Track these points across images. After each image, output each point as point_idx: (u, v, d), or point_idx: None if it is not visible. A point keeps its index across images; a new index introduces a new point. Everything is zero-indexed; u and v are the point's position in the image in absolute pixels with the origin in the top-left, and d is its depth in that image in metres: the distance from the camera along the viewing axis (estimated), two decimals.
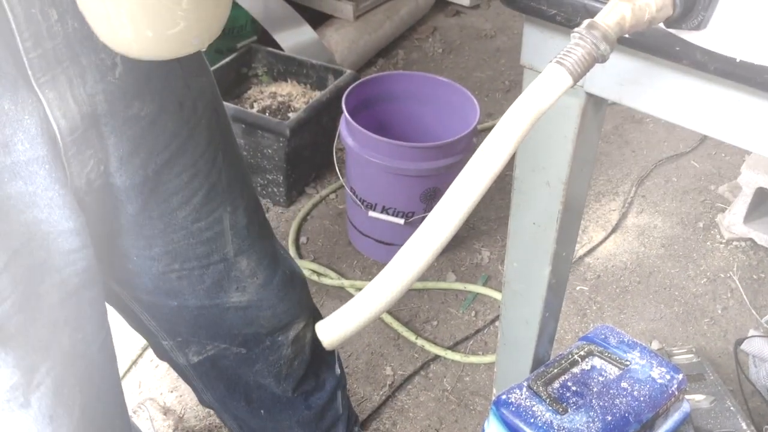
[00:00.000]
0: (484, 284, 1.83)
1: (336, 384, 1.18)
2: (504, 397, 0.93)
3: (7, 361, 0.67)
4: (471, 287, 1.81)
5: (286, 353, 1.05)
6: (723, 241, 1.96)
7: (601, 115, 0.76)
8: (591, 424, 0.89)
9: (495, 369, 1.07)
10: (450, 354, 1.65)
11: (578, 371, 0.96)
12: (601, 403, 0.91)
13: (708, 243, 1.96)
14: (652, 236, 1.98)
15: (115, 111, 0.71)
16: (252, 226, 0.94)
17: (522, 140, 0.51)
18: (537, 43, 0.70)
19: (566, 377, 0.95)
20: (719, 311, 1.77)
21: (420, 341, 1.67)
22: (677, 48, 0.58)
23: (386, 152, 1.66)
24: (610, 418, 0.89)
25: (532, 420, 0.89)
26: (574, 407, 0.91)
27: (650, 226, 2.01)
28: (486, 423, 0.96)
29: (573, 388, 0.93)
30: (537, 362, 0.99)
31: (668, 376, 0.95)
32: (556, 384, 0.94)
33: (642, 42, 0.60)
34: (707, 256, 1.92)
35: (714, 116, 0.62)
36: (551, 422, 0.89)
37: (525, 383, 0.94)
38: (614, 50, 0.51)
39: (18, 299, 0.66)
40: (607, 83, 0.67)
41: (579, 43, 0.50)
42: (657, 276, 1.87)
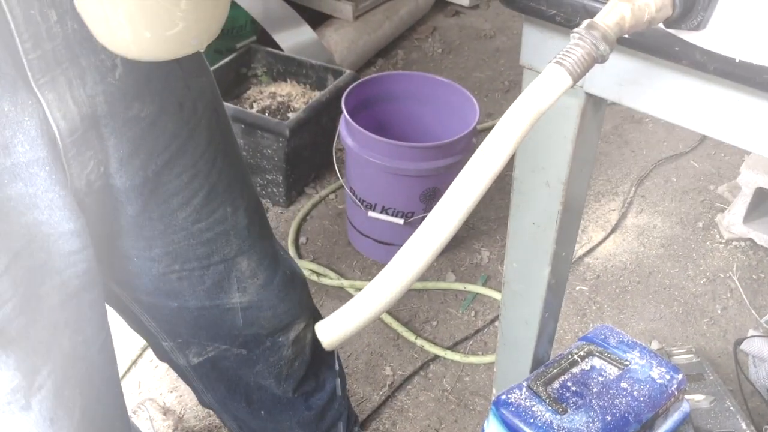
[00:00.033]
0: (484, 284, 1.82)
1: (336, 384, 1.18)
2: (504, 397, 0.93)
3: (9, 364, 0.67)
4: (471, 287, 1.81)
5: (287, 354, 1.05)
6: (722, 241, 1.96)
7: (601, 115, 0.76)
8: (591, 424, 0.89)
9: (495, 369, 1.07)
10: (450, 354, 1.65)
11: (578, 371, 0.96)
12: (601, 403, 0.91)
13: (707, 243, 1.96)
14: (652, 236, 1.98)
15: (115, 112, 0.71)
16: (252, 227, 0.94)
17: (522, 140, 0.51)
18: (536, 44, 0.70)
19: (566, 377, 0.95)
20: (719, 311, 1.77)
21: (420, 341, 1.67)
22: (677, 48, 0.58)
23: (386, 152, 1.65)
24: (610, 418, 0.89)
25: (532, 420, 0.89)
26: (574, 407, 0.91)
27: (650, 226, 2.01)
28: (486, 423, 0.96)
29: (573, 388, 0.93)
30: (537, 362, 0.99)
31: (668, 376, 0.95)
32: (556, 384, 0.94)
33: (641, 42, 0.60)
34: (707, 256, 1.92)
35: (713, 116, 0.63)
36: (551, 422, 0.89)
37: (525, 383, 0.94)
38: (614, 50, 0.51)
39: (19, 302, 0.66)
40: (607, 83, 0.67)
41: (578, 44, 0.50)
42: (656, 276, 1.87)
